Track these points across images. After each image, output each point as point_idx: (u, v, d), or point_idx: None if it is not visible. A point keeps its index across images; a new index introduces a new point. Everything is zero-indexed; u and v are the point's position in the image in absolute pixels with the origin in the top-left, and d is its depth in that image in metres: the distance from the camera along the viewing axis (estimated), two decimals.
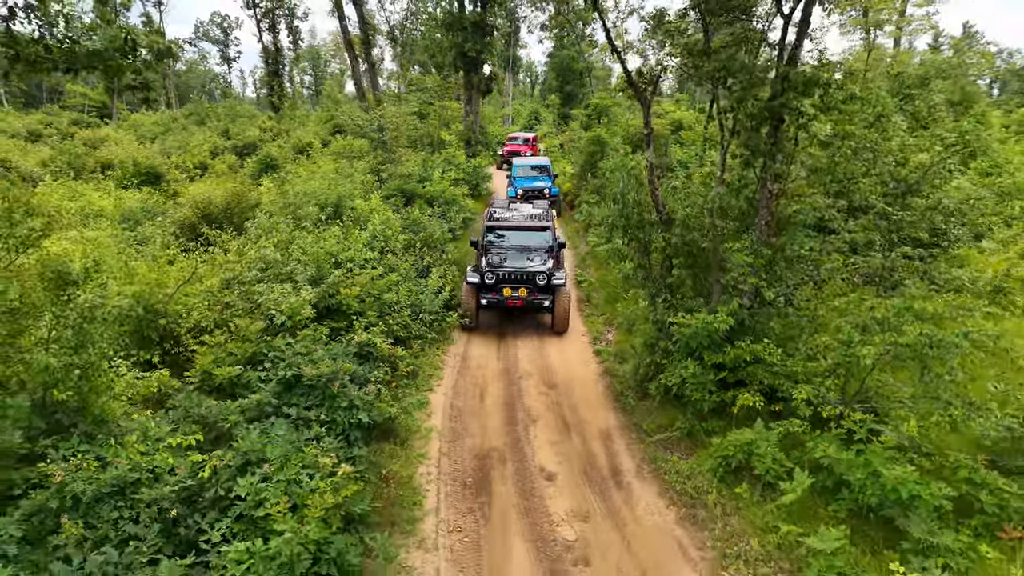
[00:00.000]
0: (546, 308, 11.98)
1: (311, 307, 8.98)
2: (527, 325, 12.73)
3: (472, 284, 12.04)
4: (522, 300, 11.90)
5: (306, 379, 7.52)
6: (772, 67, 7.85)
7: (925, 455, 6.58)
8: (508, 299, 11.89)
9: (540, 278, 11.88)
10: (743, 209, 8.47)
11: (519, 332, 12.37)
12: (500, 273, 11.97)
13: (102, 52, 6.07)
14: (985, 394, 8.00)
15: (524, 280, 11.98)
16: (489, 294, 11.97)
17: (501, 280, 11.97)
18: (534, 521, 6.81)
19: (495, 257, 12.43)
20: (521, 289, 11.90)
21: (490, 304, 12.00)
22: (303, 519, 5.31)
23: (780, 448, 6.92)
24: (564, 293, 12.07)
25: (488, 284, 11.97)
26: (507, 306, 11.99)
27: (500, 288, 11.94)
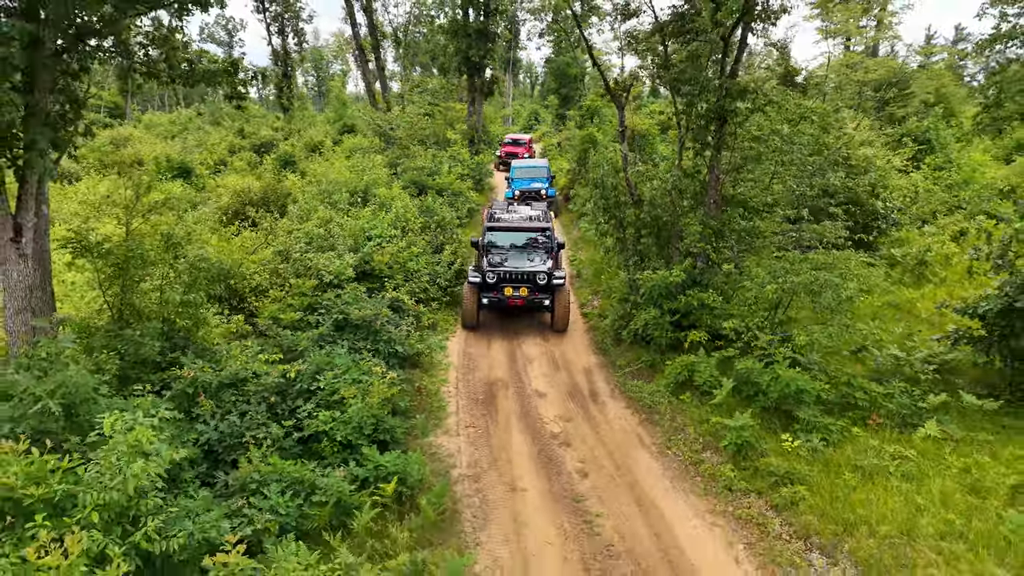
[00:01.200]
0: (546, 307, 12.18)
1: (352, 269, 11.20)
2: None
3: (473, 284, 12.17)
4: (523, 299, 12.07)
5: (354, 319, 9.75)
6: (716, 78, 10.05)
7: (821, 370, 8.80)
8: (509, 298, 12.06)
9: (540, 277, 12.03)
10: (696, 190, 10.69)
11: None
12: (501, 272, 12.11)
13: (215, 72, 8.30)
14: (888, 336, 10.28)
15: (525, 280, 12.11)
16: (490, 293, 12.12)
17: (502, 280, 12.12)
18: (529, 421, 9.03)
19: (496, 257, 12.60)
20: (522, 288, 12.05)
21: (491, 303, 12.17)
22: (366, 401, 7.53)
23: (716, 368, 9.14)
24: (564, 292, 12.26)
25: (489, 283, 12.12)
26: (508, 305, 12.14)
27: (501, 287, 12.09)
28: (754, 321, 9.35)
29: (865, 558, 6.01)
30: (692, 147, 10.73)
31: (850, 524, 6.41)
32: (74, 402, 5.89)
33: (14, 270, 7.56)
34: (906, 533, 6.14)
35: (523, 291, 12.04)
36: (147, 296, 8.69)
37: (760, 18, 9.65)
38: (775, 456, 7.53)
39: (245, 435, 6.88)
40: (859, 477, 7.03)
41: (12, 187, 7.58)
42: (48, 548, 4.15)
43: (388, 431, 7.57)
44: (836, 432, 7.81)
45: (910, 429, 7.90)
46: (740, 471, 7.56)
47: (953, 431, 7.73)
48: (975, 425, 7.95)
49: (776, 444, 7.78)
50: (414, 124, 22.62)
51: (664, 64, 10.53)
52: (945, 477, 6.92)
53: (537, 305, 12.15)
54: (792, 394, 7.98)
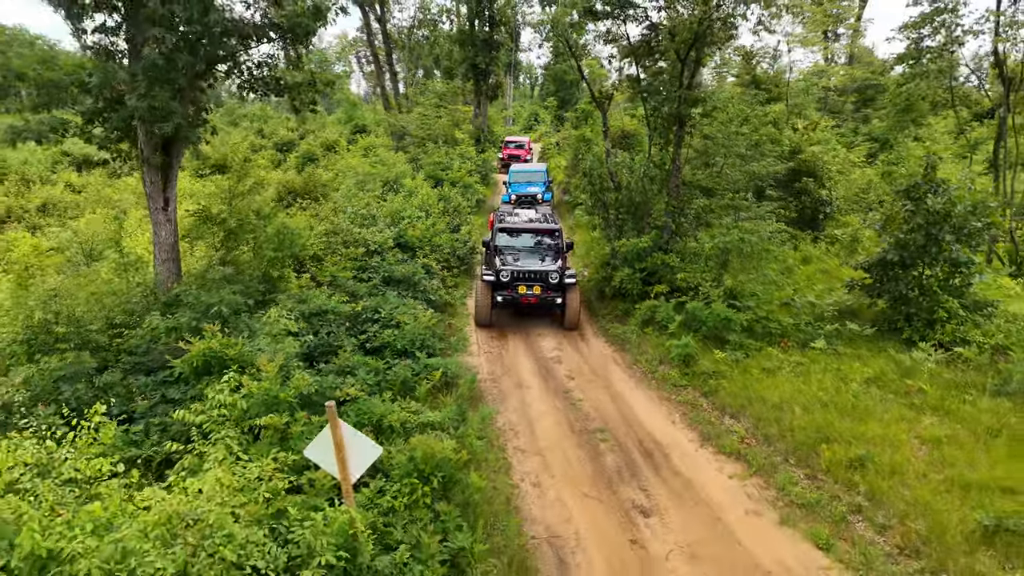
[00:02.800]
0: (558, 305, 12.60)
1: (391, 240, 14.16)
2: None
3: (487, 282, 12.57)
4: (536, 298, 12.47)
5: (397, 276, 12.71)
6: (675, 89, 13.00)
7: (750, 310, 11.75)
8: (523, 296, 12.47)
9: (552, 276, 12.45)
10: (662, 177, 13.66)
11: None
12: (515, 272, 12.51)
13: (299, 85, 11.24)
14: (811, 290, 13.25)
15: (538, 279, 12.51)
16: (504, 292, 12.51)
17: (516, 278, 12.50)
18: (532, 350, 12.00)
19: (509, 257, 13.06)
20: (535, 287, 12.45)
21: (505, 301, 12.56)
22: (417, 322, 10.49)
23: (672, 310, 12.09)
24: (575, 292, 12.69)
25: (503, 282, 12.48)
26: (521, 303, 12.56)
27: (515, 286, 12.48)
28: (702, 276, 12.31)
29: (757, 418, 8.98)
30: (658, 143, 13.68)
31: (751, 400, 9.38)
32: (231, 310, 8.86)
33: (162, 231, 10.54)
34: (787, 403, 9.09)
35: (536, 289, 12.46)
36: (244, 254, 11.65)
37: (709, 43, 12.61)
38: (707, 363, 10.50)
39: (332, 344, 9.83)
40: (764, 374, 10.00)
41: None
42: (242, 382, 7.06)
43: (431, 346, 10.52)
44: (753, 349, 10.78)
45: (808, 347, 10.87)
46: (682, 374, 10.54)
47: (837, 346, 10.70)
48: (855, 345, 10.90)
49: (710, 357, 10.72)
50: (432, 125, 25.63)
51: (636, 79, 13.49)
52: (824, 373, 9.88)
53: (549, 303, 12.57)
54: (722, 323, 10.95)
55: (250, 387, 6.57)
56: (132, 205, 23.10)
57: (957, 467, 7.32)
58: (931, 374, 9.52)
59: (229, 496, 4.73)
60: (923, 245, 10.86)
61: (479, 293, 12.73)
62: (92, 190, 25.97)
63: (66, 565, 3.74)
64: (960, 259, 10.72)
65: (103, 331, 8.97)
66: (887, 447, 7.78)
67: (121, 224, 11.46)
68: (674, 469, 8.06)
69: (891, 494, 7.01)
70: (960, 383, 9.22)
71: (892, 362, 10.04)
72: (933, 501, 6.74)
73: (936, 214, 10.71)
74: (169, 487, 4.83)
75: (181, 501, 4.44)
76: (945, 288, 10.93)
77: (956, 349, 9.96)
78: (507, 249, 13.41)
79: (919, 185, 11.09)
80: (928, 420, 8.41)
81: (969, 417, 8.36)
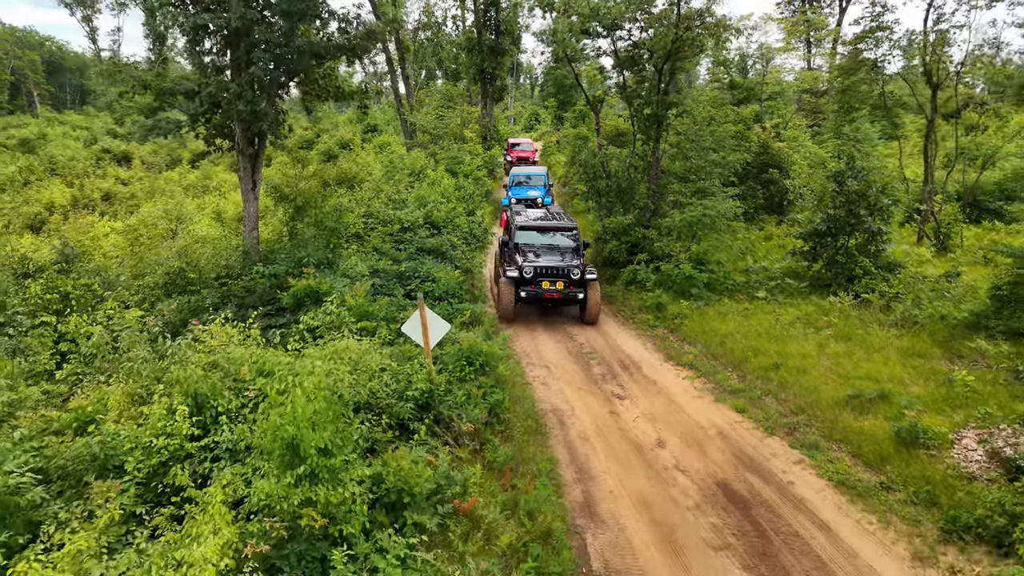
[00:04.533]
0: (579, 300, 13.25)
1: (421, 219, 17.14)
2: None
3: (511, 279, 13.15)
4: (559, 293, 13.06)
5: (428, 247, 15.68)
6: (654, 94, 15.96)
7: (712, 271, 14.73)
8: (546, 292, 13.06)
9: (574, 273, 13.08)
10: (644, 166, 16.64)
11: None
12: (538, 268, 13.14)
13: (354, 92, 14.22)
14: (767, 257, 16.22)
15: (560, 274, 13.13)
16: (528, 287, 13.10)
17: (539, 275, 13.10)
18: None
19: (530, 254, 13.77)
20: (558, 283, 13.06)
21: (528, 297, 13.16)
22: (448, 276, 13.46)
23: (651, 272, 15.06)
24: (595, 287, 13.30)
25: (527, 278, 13.07)
26: (544, 298, 13.18)
27: (539, 282, 13.08)
28: (675, 246, 15.30)
29: (707, 344, 11.97)
30: (641, 139, 16.64)
31: (705, 333, 12.37)
32: (316, 261, 11.85)
33: (251, 207, 13.52)
34: (731, 334, 12.07)
35: (559, 285, 13.08)
36: (308, 227, 14.63)
37: (680, 58, 15.57)
38: (675, 309, 13.49)
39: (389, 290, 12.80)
40: (717, 316, 12.99)
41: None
42: (344, 299, 10.02)
43: (460, 295, 13.48)
44: (712, 300, 13.78)
45: (754, 298, 13.86)
46: (656, 318, 13.53)
47: (778, 297, 13.70)
48: (792, 296, 13.88)
49: (677, 305, 13.70)
50: (448, 124, 28.69)
51: (623, 86, 16.47)
52: (763, 315, 12.87)
53: (571, 298, 13.21)
54: (687, 281, 13.94)
55: (350, 302, 9.56)
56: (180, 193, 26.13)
57: (844, 369, 10.29)
58: (843, 313, 12.51)
59: (357, 354, 7.71)
60: (845, 218, 13.85)
61: (502, 290, 13.24)
62: (139, 182, 28.95)
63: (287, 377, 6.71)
64: (873, 229, 13.71)
65: (217, 278, 11.96)
66: (799, 358, 10.77)
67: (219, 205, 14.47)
68: (643, 374, 11.06)
69: (794, 384, 9.99)
70: (863, 319, 12.22)
71: (816, 306, 13.05)
72: (820, 386, 9.72)
73: (855, 194, 13.71)
74: (321, 348, 7.80)
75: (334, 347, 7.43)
76: (863, 252, 13.91)
77: (864, 296, 12.95)
78: (527, 247, 14.04)
79: (843, 172, 14.07)
80: (834, 343, 11.40)
81: (864, 341, 11.34)
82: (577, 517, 7.07)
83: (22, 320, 8.23)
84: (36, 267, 10.33)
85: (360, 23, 13.44)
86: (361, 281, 10.95)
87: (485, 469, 7.36)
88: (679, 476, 7.93)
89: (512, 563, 5.88)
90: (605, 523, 7.00)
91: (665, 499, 7.44)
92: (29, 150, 38.04)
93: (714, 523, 6.97)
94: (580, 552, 6.49)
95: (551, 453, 8.37)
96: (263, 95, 12.44)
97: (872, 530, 6.74)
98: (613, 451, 8.54)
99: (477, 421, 8.00)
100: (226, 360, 7.01)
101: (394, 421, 7.22)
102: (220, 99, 12.43)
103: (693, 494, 7.52)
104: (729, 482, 7.77)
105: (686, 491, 7.59)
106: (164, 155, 38.30)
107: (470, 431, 7.75)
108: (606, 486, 7.70)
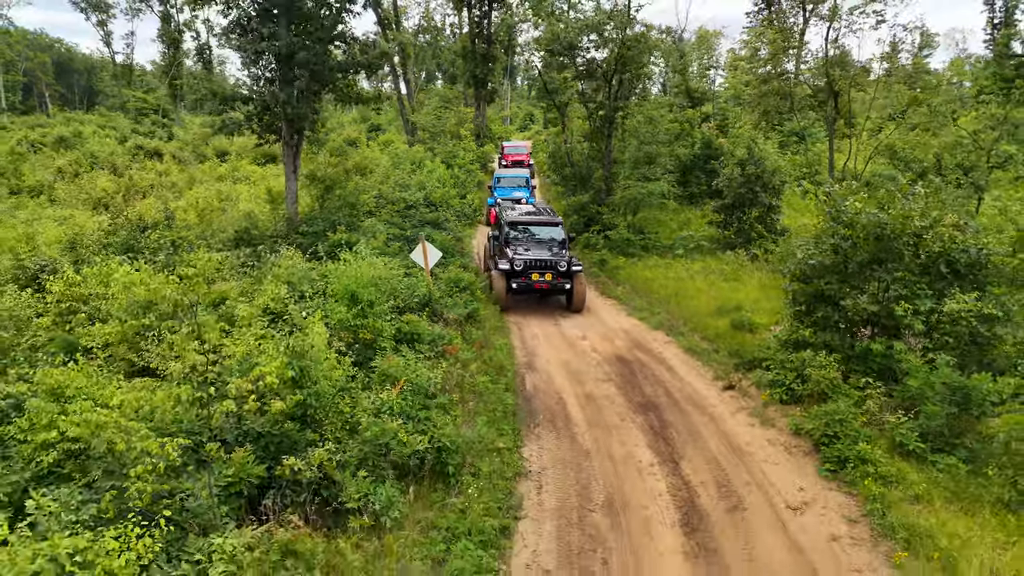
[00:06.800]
0: (567, 290, 14.18)
1: (422, 199, 21.43)
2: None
3: (503, 271, 14.00)
4: (547, 284, 13.85)
5: (427, 220, 19.95)
6: (606, 99, 20.18)
7: (646, 237, 19.02)
8: (536, 283, 13.88)
9: (562, 265, 13.94)
10: (600, 156, 20.94)
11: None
12: (528, 260, 13.92)
13: (371, 97, 18.48)
14: (696, 229, 20.53)
15: (548, 266, 13.93)
16: (519, 279, 13.83)
17: (529, 267, 13.86)
18: None
19: (520, 248, 14.51)
20: (547, 274, 13.82)
21: (519, 288, 13.95)
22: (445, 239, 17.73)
23: (601, 240, 19.32)
24: (581, 278, 14.23)
25: (517, 271, 13.83)
26: (534, 288, 14.02)
27: (529, 273, 13.83)
28: (619, 219, 19.58)
29: (634, 285, 16.26)
30: (597, 135, 20.94)
31: (633, 279, 16.67)
32: (346, 224, 16.12)
33: (292, 185, 17.77)
34: (652, 279, 16.34)
35: (548, 276, 13.88)
36: (335, 201, 18.87)
37: (627, 71, 19.81)
38: (614, 264, 17.78)
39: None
40: (645, 268, 17.27)
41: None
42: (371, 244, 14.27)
43: (452, 252, 17.71)
44: (644, 257, 18.08)
45: (675, 256, 18.15)
46: (599, 270, 17.84)
47: (694, 256, 17.99)
48: (705, 255, 18.15)
49: (616, 261, 17.98)
50: (446, 123, 33.06)
51: (582, 92, 20.78)
52: (678, 267, 17.14)
53: (559, 289, 14.14)
54: (626, 243, 18.26)
55: (372, 244, 13.85)
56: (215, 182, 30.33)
57: (721, 295, 14.54)
58: (737, 264, 16.79)
59: (383, 268, 11.95)
60: (746, 195, 18.14)
61: (495, 281, 14.26)
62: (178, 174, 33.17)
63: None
64: (767, 203, 18.01)
65: (270, 236, 16.22)
66: (693, 291, 15.05)
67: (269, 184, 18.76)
68: (589, 307, 15.23)
69: (683, 305, 14.27)
70: (746, 267, 16.52)
71: (719, 260, 17.35)
72: (699, 305, 13.99)
73: (753, 176, 18.00)
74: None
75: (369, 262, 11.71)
76: (760, 222, 18.18)
77: (755, 252, 17.23)
78: (517, 241, 14.90)
79: (744, 160, 18.37)
80: (721, 282, 15.68)
81: (740, 279, 15.63)
82: (521, 368, 11.34)
83: (166, 250, 12.58)
84: (153, 223, 14.61)
85: (376, 46, 17.71)
86: (379, 234, 15.21)
87: (464, 341, 11.64)
88: (592, 353, 12.20)
89: (475, 374, 10.15)
90: (538, 370, 11.28)
91: (579, 362, 11.70)
92: (66, 147, 42.30)
93: (607, 371, 11.24)
94: (520, 383, 10.75)
95: (509, 341, 12.64)
96: (303, 102, 16.69)
97: (698, 369, 11.06)
98: (551, 342, 12.82)
99: (460, 316, 12.27)
100: (297, 269, 11.29)
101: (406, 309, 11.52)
102: (271, 104, 16.67)
103: (598, 360, 11.79)
104: (622, 354, 12.05)
105: (594, 359, 11.85)
106: (190, 151, 42.54)
107: (455, 319, 12.02)
108: (543, 356, 11.97)
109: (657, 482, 7.72)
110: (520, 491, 7.50)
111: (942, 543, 5.97)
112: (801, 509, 7.04)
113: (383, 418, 7.05)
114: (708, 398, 9.96)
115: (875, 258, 9.23)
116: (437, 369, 9.20)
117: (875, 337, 9.29)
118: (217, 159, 39.64)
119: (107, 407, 5.38)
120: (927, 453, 7.38)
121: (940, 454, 7.34)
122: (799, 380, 9.10)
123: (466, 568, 5.90)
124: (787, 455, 8.19)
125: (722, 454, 8.27)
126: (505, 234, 15.13)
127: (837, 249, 9.49)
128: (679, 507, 7.22)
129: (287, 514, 5.87)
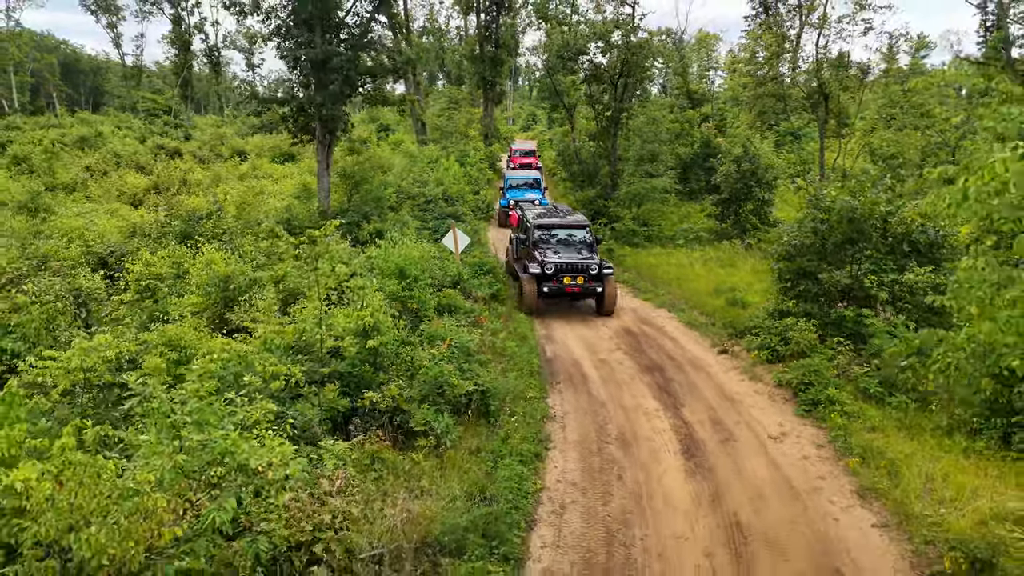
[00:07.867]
0: (598, 294, 13.84)
1: (440, 194, 23.00)
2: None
3: (534, 274, 13.69)
4: (579, 287, 13.65)
5: (446, 213, 21.52)
6: (612, 101, 21.73)
7: (649, 228, 20.59)
8: (567, 286, 13.60)
9: (593, 268, 13.69)
10: (606, 154, 22.51)
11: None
12: (559, 264, 13.66)
13: (396, 100, 20.04)
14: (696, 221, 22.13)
15: (580, 270, 13.68)
16: (550, 283, 13.58)
17: (560, 270, 13.61)
18: None
19: (550, 251, 14.20)
20: (579, 277, 13.64)
21: (550, 292, 13.63)
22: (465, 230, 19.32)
23: (608, 231, 20.89)
24: (612, 281, 14.04)
25: (548, 274, 13.56)
26: (566, 292, 13.71)
27: (560, 277, 13.58)
28: (624, 211, 21.15)
29: (639, 271, 17.83)
30: (604, 134, 22.51)
31: (638, 265, 18.24)
32: (376, 214, 17.69)
33: (324, 181, 19.34)
34: (655, 265, 17.92)
35: (579, 279, 13.67)
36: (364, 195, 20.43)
37: (632, 75, 21.36)
38: (620, 252, 19.34)
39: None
40: (649, 256, 18.84)
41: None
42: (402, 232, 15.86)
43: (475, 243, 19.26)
44: (648, 246, 19.65)
45: (675, 246, 19.72)
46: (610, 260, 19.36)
47: (692, 245, 19.55)
48: (703, 245, 19.72)
49: (622, 250, 19.54)
50: (456, 123, 34.66)
51: (589, 95, 22.34)
52: (680, 255, 18.69)
53: (590, 292, 13.85)
54: (631, 233, 19.83)
55: (404, 232, 15.44)
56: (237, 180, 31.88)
57: (717, 278, 16.12)
58: (732, 252, 18.36)
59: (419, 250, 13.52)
60: (742, 189, 19.70)
61: (525, 285, 13.88)
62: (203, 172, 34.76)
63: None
64: (760, 197, 19.57)
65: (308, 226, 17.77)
66: (692, 275, 16.62)
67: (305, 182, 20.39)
68: None
69: (684, 287, 15.85)
70: (741, 254, 18.09)
71: (716, 249, 18.92)
72: (699, 287, 15.57)
73: (747, 172, 19.57)
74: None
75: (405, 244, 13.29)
76: (754, 213, 19.74)
77: (749, 241, 18.80)
78: (545, 244, 14.53)
79: (740, 157, 19.93)
80: (718, 268, 17.25)
81: (736, 265, 17.20)
82: (541, 339, 12.91)
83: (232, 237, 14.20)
84: (204, 214, 16.20)
85: (403, 52, 19.27)
86: (409, 224, 16.78)
87: (491, 314, 13.20)
88: (603, 328, 13.75)
89: (504, 340, 11.72)
90: (556, 341, 12.85)
91: (593, 336, 13.26)
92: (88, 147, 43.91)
93: (616, 342, 12.80)
94: (541, 349, 12.31)
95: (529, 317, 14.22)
96: (336, 104, 18.25)
97: (696, 338, 12.64)
98: (567, 318, 14.39)
99: (486, 294, 13.85)
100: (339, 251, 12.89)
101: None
102: (306, 106, 18.24)
103: (609, 333, 13.35)
104: (630, 327, 13.63)
105: (605, 333, 13.41)
106: (207, 150, 44.15)
107: (481, 297, 13.60)
108: (560, 330, 13.53)
109: (662, 423, 9.28)
110: (548, 429, 9.06)
111: (889, 456, 7.53)
112: (780, 439, 8.61)
113: (439, 364, 8.63)
114: (705, 360, 11.53)
115: (848, 239, 10.79)
116: (473, 334, 10.77)
117: (848, 306, 10.86)
118: (237, 157, 41.28)
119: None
120: (885, 396, 8.94)
121: (895, 396, 8.89)
122: (783, 343, 10.66)
123: (511, 476, 7.47)
124: (770, 401, 9.77)
125: (716, 402, 9.84)
126: (534, 236, 14.63)
127: (816, 231, 11.05)
128: (680, 440, 8.78)
129: (372, 432, 7.45)
